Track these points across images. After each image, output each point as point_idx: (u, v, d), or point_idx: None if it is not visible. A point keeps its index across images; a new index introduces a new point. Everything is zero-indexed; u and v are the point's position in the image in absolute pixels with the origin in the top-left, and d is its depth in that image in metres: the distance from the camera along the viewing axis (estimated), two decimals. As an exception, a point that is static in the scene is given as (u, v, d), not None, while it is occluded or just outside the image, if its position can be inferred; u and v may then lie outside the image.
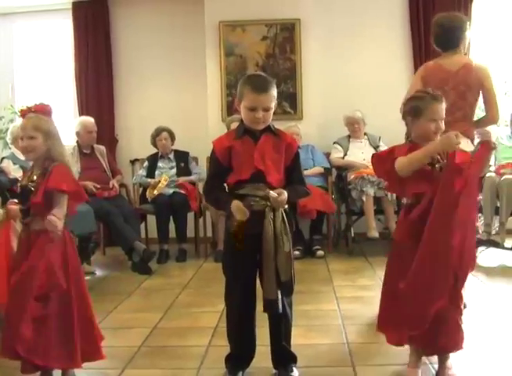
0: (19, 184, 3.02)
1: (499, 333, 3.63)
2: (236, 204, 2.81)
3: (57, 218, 2.85)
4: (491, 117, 4.12)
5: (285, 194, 2.84)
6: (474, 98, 4.08)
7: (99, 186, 6.06)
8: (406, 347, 2.99)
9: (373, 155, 3.10)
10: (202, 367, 3.25)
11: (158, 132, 6.67)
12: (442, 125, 2.96)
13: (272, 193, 2.80)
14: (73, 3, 7.19)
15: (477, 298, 4.33)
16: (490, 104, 4.09)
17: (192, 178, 6.62)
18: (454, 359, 2.97)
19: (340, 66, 6.96)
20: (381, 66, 6.99)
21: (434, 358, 3.02)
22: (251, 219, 2.82)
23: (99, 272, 5.86)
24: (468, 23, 4.25)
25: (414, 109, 2.98)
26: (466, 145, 3.81)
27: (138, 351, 3.54)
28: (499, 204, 5.78)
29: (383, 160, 2.99)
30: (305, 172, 5.60)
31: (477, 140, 3.91)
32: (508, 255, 5.75)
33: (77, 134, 6.36)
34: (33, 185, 2.95)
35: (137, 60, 7.30)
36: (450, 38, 4.16)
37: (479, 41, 6.89)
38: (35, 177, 2.98)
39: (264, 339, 3.07)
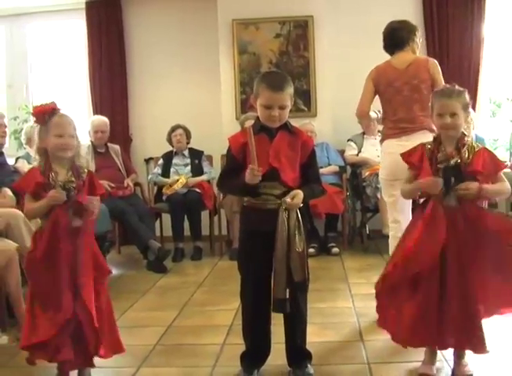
0: (57, 183, 2.90)
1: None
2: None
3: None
4: None
5: (300, 196, 2.83)
6: (427, 91, 3.97)
7: (113, 185, 6.10)
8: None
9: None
10: (217, 365, 3.26)
11: (174, 129, 6.71)
12: (457, 120, 2.90)
13: (286, 200, 2.80)
14: (87, 3, 7.21)
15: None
16: None
17: (204, 177, 6.62)
18: (470, 356, 2.95)
19: (354, 62, 6.87)
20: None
21: (450, 355, 3.01)
22: (265, 217, 2.83)
23: (114, 271, 5.80)
24: (417, 29, 4.26)
25: (431, 105, 2.99)
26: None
27: (154, 349, 3.55)
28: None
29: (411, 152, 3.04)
30: (320, 171, 5.61)
31: None
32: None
33: (88, 133, 6.41)
34: (73, 185, 2.93)
35: (150, 59, 7.31)
36: (396, 38, 4.17)
37: (493, 36, 6.84)
38: (71, 177, 2.95)
39: (279, 337, 3.07)
